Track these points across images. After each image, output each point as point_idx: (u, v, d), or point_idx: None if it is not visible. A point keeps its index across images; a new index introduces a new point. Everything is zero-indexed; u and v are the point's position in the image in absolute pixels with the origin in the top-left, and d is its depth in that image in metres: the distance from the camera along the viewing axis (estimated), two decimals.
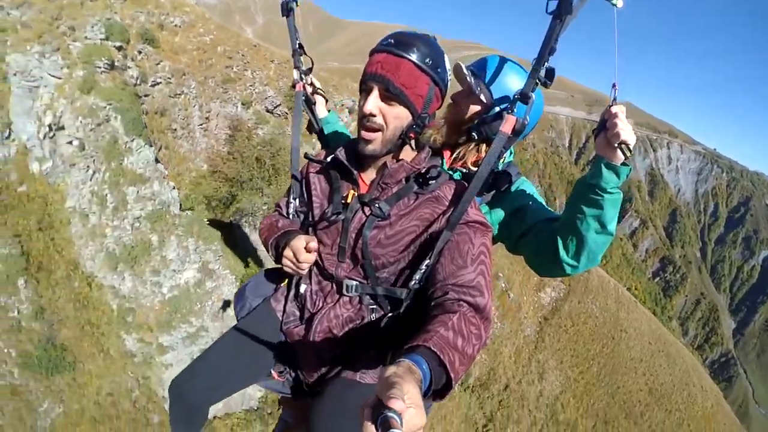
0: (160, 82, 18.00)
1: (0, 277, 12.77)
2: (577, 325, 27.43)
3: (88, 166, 14.61)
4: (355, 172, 1.50)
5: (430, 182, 1.41)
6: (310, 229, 1.59)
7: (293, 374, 1.69)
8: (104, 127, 14.92)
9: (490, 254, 1.34)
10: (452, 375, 0.97)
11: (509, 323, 24.74)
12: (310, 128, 2.09)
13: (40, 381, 12.94)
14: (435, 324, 1.08)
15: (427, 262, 1.35)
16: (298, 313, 1.61)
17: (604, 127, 1.39)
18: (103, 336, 14.05)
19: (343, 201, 1.49)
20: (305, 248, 1.46)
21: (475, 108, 1.73)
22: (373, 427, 0.74)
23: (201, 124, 19.06)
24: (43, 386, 12.92)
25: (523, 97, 1.45)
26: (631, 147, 1.32)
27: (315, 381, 1.58)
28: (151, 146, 15.69)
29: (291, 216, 1.69)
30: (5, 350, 12.69)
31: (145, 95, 17.34)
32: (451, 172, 1.73)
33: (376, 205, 1.41)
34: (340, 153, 1.51)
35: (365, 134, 1.38)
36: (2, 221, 13.24)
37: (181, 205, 15.99)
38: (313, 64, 1.99)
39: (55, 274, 13.97)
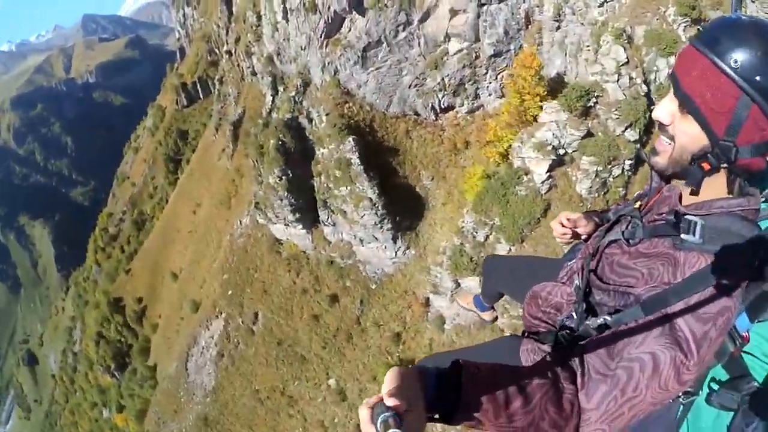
0: None
1: None
2: None
3: None
4: (658, 183, 1.28)
5: (682, 236, 1.05)
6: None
7: None
8: None
9: (655, 379, 0.97)
10: (455, 414, 0.91)
11: None
12: None
13: None
14: (518, 372, 1.03)
15: (609, 319, 1.15)
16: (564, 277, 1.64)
17: None
18: None
19: (634, 208, 1.33)
20: (560, 220, 1.66)
21: None
22: (373, 426, 0.77)
23: None
24: None
25: None
26: None
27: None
28: None
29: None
30: None
31: None
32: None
33: (631, 227, 1.23)
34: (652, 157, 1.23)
35: (656, 143, 1.16)
36: None
37: None
38: None
39: None
